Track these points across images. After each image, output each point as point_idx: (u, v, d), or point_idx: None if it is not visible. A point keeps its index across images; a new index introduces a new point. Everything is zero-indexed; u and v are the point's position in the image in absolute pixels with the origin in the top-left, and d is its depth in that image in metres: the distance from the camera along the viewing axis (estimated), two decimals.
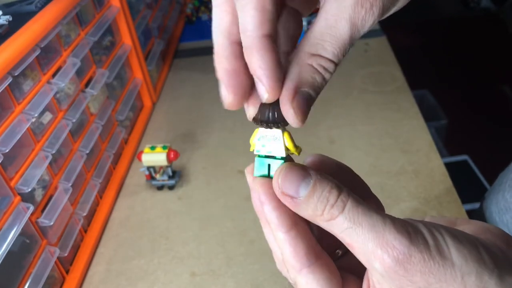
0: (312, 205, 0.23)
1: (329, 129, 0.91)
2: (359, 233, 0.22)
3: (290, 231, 0.25)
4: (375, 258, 0.22)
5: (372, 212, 0.23)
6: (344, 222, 0.23)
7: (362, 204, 0.23)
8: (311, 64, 0.23)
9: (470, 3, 2.89)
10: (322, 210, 0.23)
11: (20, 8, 0.64)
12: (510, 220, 0.63)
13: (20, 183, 0.56)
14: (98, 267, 0.70)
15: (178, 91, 1.11)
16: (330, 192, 0.23)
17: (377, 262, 0.22)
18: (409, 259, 0.21)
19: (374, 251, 0.22)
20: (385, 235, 0.22)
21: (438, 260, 0.21)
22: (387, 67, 1.09)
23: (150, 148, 0.78)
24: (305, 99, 0.24)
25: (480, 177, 1.44)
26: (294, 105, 0.23)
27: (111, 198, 0.81)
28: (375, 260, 0.22)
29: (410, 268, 0.21)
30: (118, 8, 0.88)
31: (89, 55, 0.77)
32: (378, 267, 0.22)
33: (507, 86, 2.24)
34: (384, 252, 0.22)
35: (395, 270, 0.21)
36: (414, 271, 0.21)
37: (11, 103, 0.56)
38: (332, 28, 0.23)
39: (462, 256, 0.21)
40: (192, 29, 1.40)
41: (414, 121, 0.91)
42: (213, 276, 0.67)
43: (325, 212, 0.23)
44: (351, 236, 0.23)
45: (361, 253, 0.22)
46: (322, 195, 0.23)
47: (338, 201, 0.23)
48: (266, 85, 0.23)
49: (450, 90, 2.17)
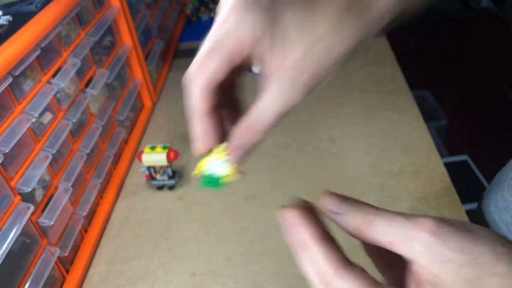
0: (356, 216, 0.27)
1: (329, 129, 0.91)
2: (395, 227, 0.25)
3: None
4: (414, 240, 0.24)
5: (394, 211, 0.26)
6: (381, 222, 0.26)
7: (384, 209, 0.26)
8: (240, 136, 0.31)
9: (471, 3, 2.89)
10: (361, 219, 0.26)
11: (20, 8, 0.64)
12: (509, 220, 0.63)
13: (20, 183, 0.56)
14: (98, 267, 0.70)
15: (178, 91, 1.11)
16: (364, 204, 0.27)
17: (417, 242, 0.24)
18: (440, 228, 0.23)
19: (412, 235, 0.24)
20: (415, 219, 0.24)
21: (467, 234, 0.23)
22: (387, 67, 1.09)
23: (150, 148, 0.78)
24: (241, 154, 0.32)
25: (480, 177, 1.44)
26: (233, 156, 0.32)
27: (111, 198, 0.81)
28: (415, 242, 0.24)
29: (445, 237, 0.23)
30: (118, 8, 0.88)
31: (89, 55, 0.78)
32: (419, 248, 0.24)
33: (507, 86, 2.24)
34: (420, 231, 0.24)
35: (433, 241, 0.23)
36: (449, 239, 0.23)
37: (11, 103, 0.56)
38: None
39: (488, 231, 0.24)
40: (192, 29, 1.40)
41: (414, 121, 0.91)
42: (213, 276, 0.67)
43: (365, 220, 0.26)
44: (390, 233, 0.25)
45: (402, 244, 0.24)
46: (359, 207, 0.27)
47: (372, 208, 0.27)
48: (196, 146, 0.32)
49: (450, 90, 2.17)
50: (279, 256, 0.67)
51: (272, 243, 0.70)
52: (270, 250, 0.69)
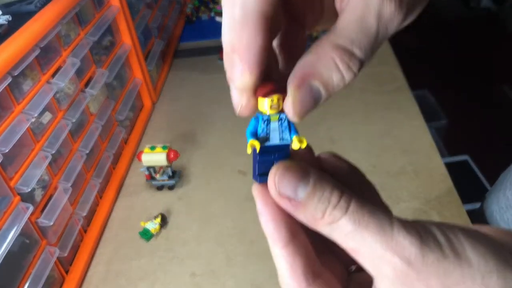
0: (312, 207, 0.21)
1: (330, 129, 0.91)
2: (365, 236, 0.20)
3: (287, 246, 0.23)
4: (383, 262, 0.20)
5: (379, 212, 0.21)
6: (348, 224, 0.20)
7: (367, 205, 0.21)
8: (332, 57, 0.20)
9: (471, 3, 2.89)
10: (322, 212, 0.21)
11: (19, 8, 0.64)
12: (511, 218, 0.63)
13: (19, 183, 0.56)
14: (98, 267, 0.70)
15: (178, 91, 1.11)
16: (332, 193, 0.21)
17: (387, 266, 0.20)
18: (422, 260, 0.19)
19: (382, 255, 0.20)
20: (394, 236, 0.20)
21: (453, 260, 0.19)
22: (387, 67, 1.09)
23: (150, 148, 0.78)
24: (312, 95, 0.21)
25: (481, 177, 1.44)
26: (296, 96, 0.21)
27: (111, 198, 0.81)
28: (384, 265, 0.20)
29: (424, 270, 0.19)
30: (118, 8, 0.87)
31: (89, 55, 0.77)
32: (388, 272, 0.20)
33: (507, 86, 2.24)
34: (394, 254, 0.19)
35: (407, 273, 0.19)
36: (428, 274, 0.19)
37: (11, 103, 0.56)
38: (361, 22, 0.20)
39: (480, 254, 0.19)
40: (192, 29, 1.39)
41: (414, 121, 0.91)
42: (213, 276, 0.67)
43: (327, 214, 0.21)
44: (355, 240, 0.20)
45: (368, 258, 0.20)
46: (323, 195, 0.21)
47: (341, 201, 0.21)
48: (246, 68, 0.21)
49: (450, 90, 2.17)
50: None
51: None
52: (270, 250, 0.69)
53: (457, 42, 2.64)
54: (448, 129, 1.67)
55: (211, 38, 1.31)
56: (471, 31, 2.72)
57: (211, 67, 1.18)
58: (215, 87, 1.10)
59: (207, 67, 1.19)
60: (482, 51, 2.53)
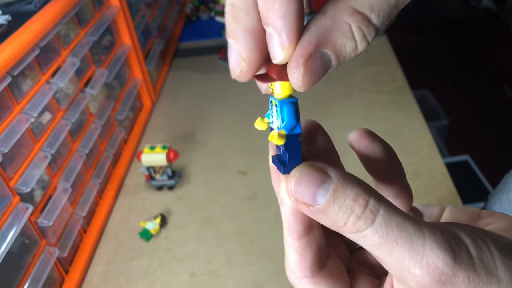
0: (333, 214, 0.19)
1: (329, 129, 0.90)
2: (393, 250, 0.19)
3: (300, 239, 0.22)
4: (411, 276, 0.19)
5: (409, 223, 0.19)
6: (375, 237, 0.19)
7: (396, 214, 0.19)
8: (349, 23, 0.18)
9: (471, 3, 2.89)
10: (345, 222, 0.19)
11: (19, 7, 0.63)
12: None
13: (19, 183, 0.56)
14: (97, 268, 0.70)
15: (178, 91, 1.11)
16: (355, 200, 0.19)
17: (413, 281, 0.19)
18: (452, 280, 0.18)
19: (410, 269, 0.19)
20: (425, 252, 0.18)
21: (483, 278, 0.18)
22: (388, 67, 1.09)
23: (150, 148, 0.78)
24: (322, 64, 0.19)
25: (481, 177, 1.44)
26: (306, 64, 0.18)
27: (111, 198, 0.80)
28: (411, 278, 0.19)
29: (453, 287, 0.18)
30: (117, 8, 0.87)
31: (88, 55, 0.77)
32: (414, 285, 0.19)
33: (507, 85, 2.24)
34: (423, 272, 0.18)
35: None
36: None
37: (10, 103, 0.56)
38: None
39: (509, 271, 0.19)
40: (192, 29, 1.39)
41: (414, 121, 0.91)
42: (213, 276, 0.66)
43: (349, 224, 0.19)
44: (382, 251, 0.19)
45: (394, 268, 0.19)
46: (345, 203, 0.19)
47: (366, 211, 0.19)
48: (285, 40, 0.18)
49: (451, 90, 2.17)
50: (279, 256, 0.67)
51: (272, 243, 0.70)
52: (270, 250, 0.69)
53: (457, 42, 2.64)
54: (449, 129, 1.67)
55: (211, 38, 1.31)
56: (471, 31, 2.72)
57: (211, 67, 1.18)
58: (215, 87, 1.10)
59: (207, 67, 1.18)
60: (483, 51, 2.53)
